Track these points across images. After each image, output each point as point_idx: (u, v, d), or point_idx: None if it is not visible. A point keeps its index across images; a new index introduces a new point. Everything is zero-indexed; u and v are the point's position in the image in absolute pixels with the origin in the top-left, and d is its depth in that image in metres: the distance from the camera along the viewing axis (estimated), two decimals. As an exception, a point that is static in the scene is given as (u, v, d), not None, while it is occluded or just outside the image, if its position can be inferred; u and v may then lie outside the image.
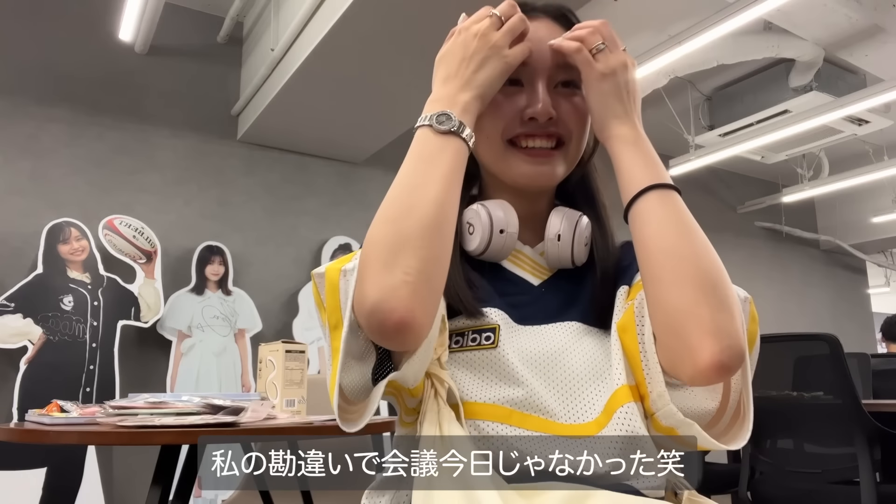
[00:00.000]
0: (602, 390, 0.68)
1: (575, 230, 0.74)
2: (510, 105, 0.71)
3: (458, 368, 0.68)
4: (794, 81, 4.55)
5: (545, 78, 0.71)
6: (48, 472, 2.98)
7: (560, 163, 0.73)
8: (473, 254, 0.73)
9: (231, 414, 1.26)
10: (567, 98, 0.73)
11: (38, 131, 3.41)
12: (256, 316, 3.72)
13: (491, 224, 0.71)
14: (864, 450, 1.92)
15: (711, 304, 0.60)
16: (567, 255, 0.74)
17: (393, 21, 2.74)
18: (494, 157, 0.74)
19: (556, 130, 0.72)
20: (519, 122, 0.71)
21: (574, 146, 0.74)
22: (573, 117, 0.72)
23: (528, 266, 0.76)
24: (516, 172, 0.72)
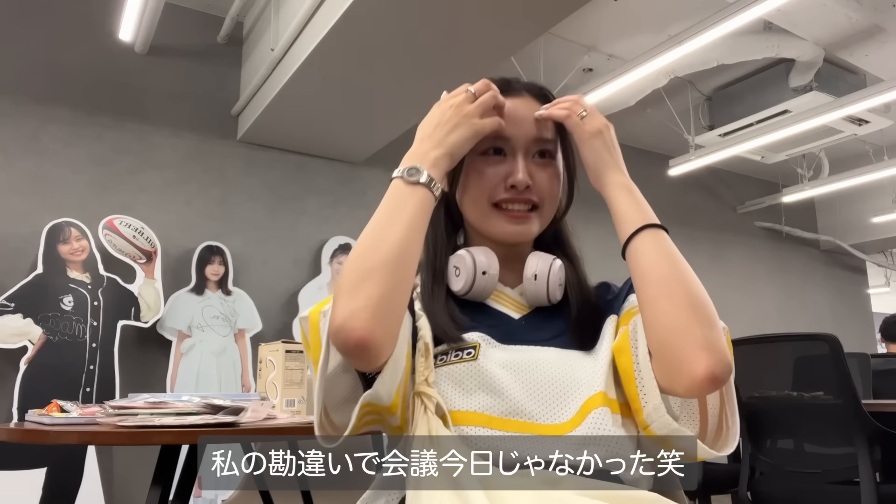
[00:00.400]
0: (578, 395, 0.74)
1: (550, 270, 0.84)
2: (494, 173, 0.83)
3: (443, 381, 0.75)
4: (794, 81, 4.55)
5: (524, 150, 0.83)
6: (48, 472, 2.98)
7: (535, 222, 0.85)
8: (459, 293, 0.83)
9: (231, 414, 1.26)
10: (542, 167, 0.84)
11: (38, 131, 3.41)
12: (256, 316, 3.72)
13: (474, 267, 0.82)
14: (864, 450, 1.92)
15: (702, 323, 0.70)
16: (543, 292, 0.83)
17: (393, 21, 2.74)
18: (479, 217, 0.85)
19: (531, 197, 0.83)
20: (502, 189, 0.82)
21: (547, 208, 0.85)
22: (547, 184, 0.84)
23: (509, 303, 0.86)
24: (498, 231, 0.84)
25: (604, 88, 3.96)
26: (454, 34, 2.82)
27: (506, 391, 0.73)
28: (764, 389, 2.32)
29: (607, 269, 0.96)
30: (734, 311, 6.18)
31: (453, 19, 2.72)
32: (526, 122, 0.83)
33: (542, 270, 0.83)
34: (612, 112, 4.55)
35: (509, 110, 0.83)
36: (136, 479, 3.21)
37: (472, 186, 0.84)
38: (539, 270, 0.83)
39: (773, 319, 6.42)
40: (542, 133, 0.84)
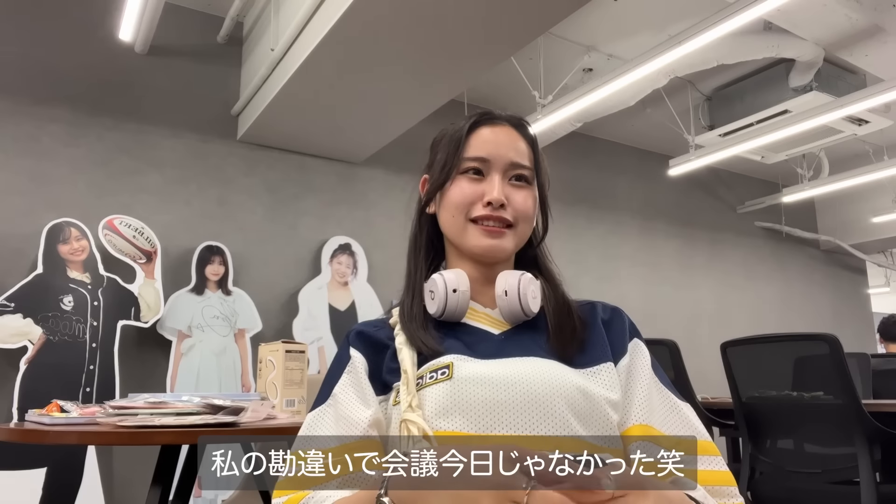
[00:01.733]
0: (565, 408, 0.75)
1: (519, 283, 0.86)
2: (473, 191, 0.87)
3: (424, 404, 0.76)
4: (794, 81, 4.55)
5: (501, 172, 0.88)
6: (48, 472, 2.98)
7: (510, 239, 0.88)
8: (436, 315, 0.86)
9: (231, 414, 1.26)
10: (518, 189, 0.89)
11: (38, 131, 3.41)
12: (256, 316, 3.72)
13: (445, 287, 0.85)
14: (864, 450, 1.92)
15: None
16: (517, 306, 0.85)
17: (393, 21, 2.74)
18: (457, 231, 0.89)
19: (505, 216, 0.87)
20: (479, 206, 0.87)
21: (522, 227, 0.89)
22: (521, 204, 0.88)
23: (487, 321, 0.88)
24: (473, 244, 0.87)
25: (604, 88, 3.96)
26: (454, 34, 2.82)
27: (482, 407, 0.74)
28: (764, 389, 2.32)
29: (607, 269, 0.96)
30: (734, 311, 6.18)
31: (453, 19, 2.72)
32: (504, 147, 0.89)
33: (512, 285, 0.86)
34: (611, 112, 4.56)
35: (490, 135, 0.89)
36: (136, 479, 3.21)
37: (451, 202, 0.88)
38: (508, 286, 0.86)
39: (773, 319, 6.42)
40: (520, 159, 0.89)
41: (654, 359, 0.86)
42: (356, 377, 0.82)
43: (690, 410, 0.82)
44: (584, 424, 0.75)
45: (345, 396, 0.80)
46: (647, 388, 0.81)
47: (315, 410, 0.81)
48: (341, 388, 0.81)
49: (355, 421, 0.76)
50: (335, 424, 0.78)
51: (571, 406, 0.75)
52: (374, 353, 0.85)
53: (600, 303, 0.92)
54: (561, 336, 0.83)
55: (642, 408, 0.79)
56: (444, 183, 0.89)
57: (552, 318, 0.86)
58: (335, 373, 0.84)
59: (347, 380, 0.82)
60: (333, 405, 0.80)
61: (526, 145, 0.91)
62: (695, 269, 6.06)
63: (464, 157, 0.88)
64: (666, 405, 0.81)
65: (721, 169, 6.48)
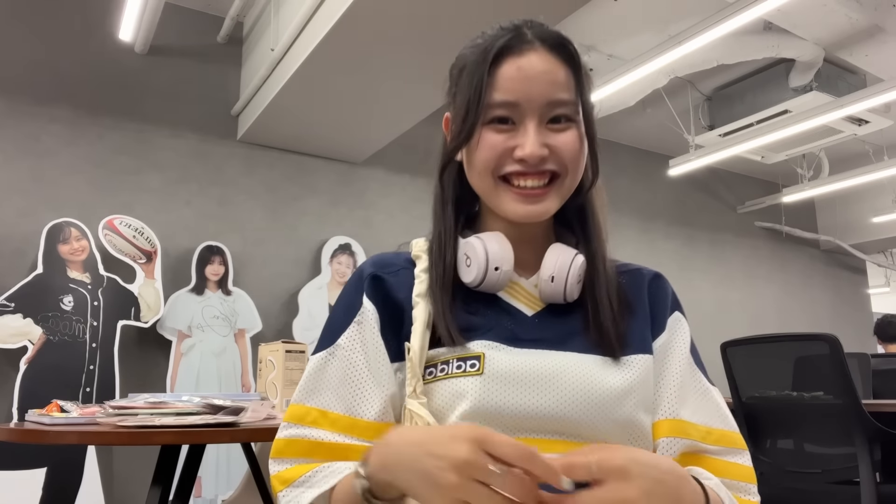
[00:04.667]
0: (605, 407, 0.69)
1: (569, 270, 0.74)
2: (501, 144, 0.72)
3: (441, 395, 0.69)
4: (794, 81, 4.55)
5: (536, 117, 0.71)
6: (48, 472, 2.98)
7: (553, 198, 0.74)
8: (470, 285, 0.75)
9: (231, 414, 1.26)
10: (560, 133, 0.72)
11: (38, 131, 3.41)
12: (256, 316, 3.72)
13: (487, 261, 0.73)
14: (864, 450, 1.92)
15: None
16: (560, 293, 0.75)
17: (393, 21, 2.74)
18: (486, 192, 0.75)
19: (548, 168, 0.72)
20: (510, 161, 0.72)
21: (569, 180, 0.74)
22: (566, 153, 0.72)
23: (523, 297, 0.77)
24: (507, 210, 0.74)
25: (604, 88, 3.96)
26: (454, 34, 2.82)
27: (513, 414, 0.67)
28: (764, 389, 2.32)
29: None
30: (734, 311, 6.18)
31: (453, 19, 2.72)
32: (537, 83, 0.70)
33: (561, 270, 0.74)
34: (612, 112, 4.55)
35: (518, 71, 0.71)
36: (136, 479, 3.22)
37: (478, 159, 0.73)
38: (557, 271, 0.74)
39: (773, 319, 6.42)
40: (559, 94, 0.71)
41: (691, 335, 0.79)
42: (366, 333, 0.73)
43: (719, 396, 0.77)
44: (617, 432, 0.69)
45: (351, 356, 0.73)
46: (682, 373, 0.74)
47: (319, 356, 0.74)
48: (348, 340, 0.73)
49: (361, 407, 0.71)
50: (340, 387, 0.72)
51: (606, 415, 0.68)
52: (392, 309, 0.74)
53: (645, 270, 0.81)
54: (600, 326, 0.73)
55: (674, 397, 0.73)
56: (468, 138, 0.73)
57: (595, 305, 0.74)
58: (342, 317, 0.75)
59: (356, 333, 0.73)
60: (338, 357, 0.73)
61: (566, 71, 0.72)
62: (694, 270, 6.06)
63: (487, 104, 0.71)
64: (698, 391, 0.75)
65: (721, 169, 6.48)
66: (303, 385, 0.75)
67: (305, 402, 0.73)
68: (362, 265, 0.79)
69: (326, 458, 0.69)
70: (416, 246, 0.81)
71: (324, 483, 0.67)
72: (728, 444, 0.73)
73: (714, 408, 0.75)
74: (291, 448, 0.71)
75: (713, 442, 0.72)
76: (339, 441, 0.70)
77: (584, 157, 0.75)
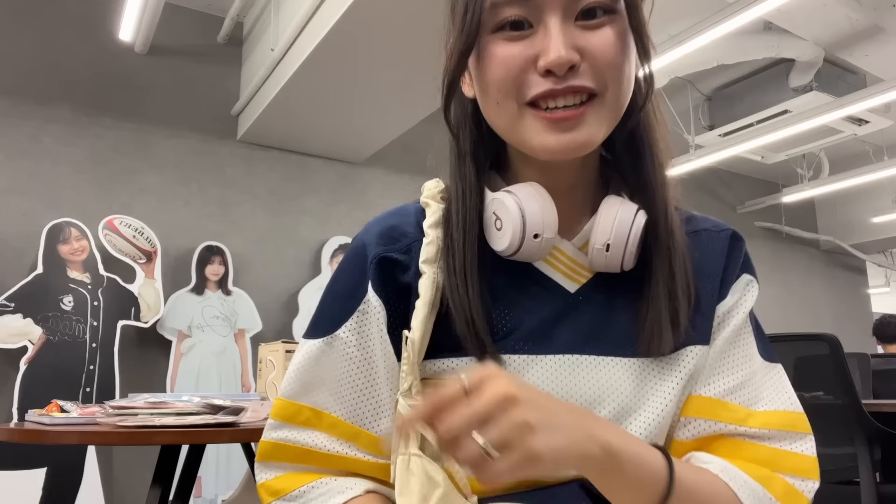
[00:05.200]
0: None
1: (629, 235, 0.57)
2: (518, 57, 0.54)
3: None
4: (794, 81, 4.55)
5: (560, 11, 0.53)
6: (48, 472, 2.98)
7: (595, 121, 0.55)
8: (501, 254, 0.59)
9: (231, 414, 1.26)
10: (593, 31, 0.54)
11: (38, 131, 3.41)
12: (256, 316, 3.72)
13: (524, 225, 0.56)
14: (864, 450, 1.92)
15: None
16: (616, 265, 0.59)
17: (393, 21, 2.74)
18: (509, 127, 0.57)
19: (581, 83, 0.54)
20: (533, 78, 0.54)
21: (612, 95, 0.55)
22: (607, 56, 0.54)
23: (564, 267, 0.61)
24: (537, 144, 0.56)
25: (604, 88, 3.95)
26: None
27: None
28: (764, 389, 2.32)
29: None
30: (734, 311, 6.17)
31: (453, 19, 2.72)
32: None
33: (620, 234, 0.57)
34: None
35: None
36: (136, 479, 3.21)
37: (491, 83, 0.56)
38: (615, 236, 0.57)
39: (773, 319, 6.42)
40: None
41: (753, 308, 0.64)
42: (371, 328, 0.60)
43: (779, 373, 0.62)
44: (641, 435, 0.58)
45: (353, 352, 0.60)
46: (728, 339, 0.60)
47: (314, 344, 0.61)
48: (350, 333, 0.60)
49: (366, 417, 0.60)
50: (340, 387, 0.60)
51: (639, 428, 0.58)
52: (404, 300, 0.60)
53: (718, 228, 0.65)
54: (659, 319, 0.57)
55: (711, 370, 0.59)
56: (467, 52, 0.56)
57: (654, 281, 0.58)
58: (342, 302, 0.61)
59: (359, 326, 0.60)
60: (337, 351, 0.60)
61: None
62: (695, 269, 6.05)
63: (493, 3, 0.54)
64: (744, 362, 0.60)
65: (721, 169, 6.48)
66: (294, 376, 0.61)
67: (298, 398, 0.61)
68: (364, 237, 0.63)
69: (322, 466, 0.60)
70: (427, 189, 0.66)
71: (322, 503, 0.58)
72: (780, 427, 0.57)
73: (766, 384, 0.60)
74: (280, 453, 0.61)
75: (758, 425, 0.57)
76: (338, 452, 0.60)
77: (630, 62, 0.56)
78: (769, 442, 0.57)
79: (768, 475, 0.55)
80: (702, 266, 0.61)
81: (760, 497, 0.54)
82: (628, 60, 0.56)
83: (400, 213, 0.65)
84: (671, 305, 0.57)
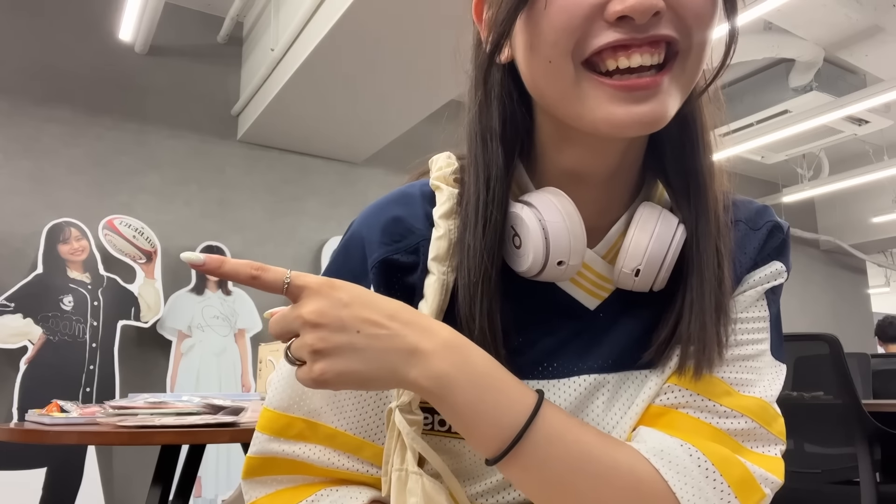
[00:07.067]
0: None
1: (665, 259, 0.49)
2: (583, 2, 0.42)
3: (454, 455, 0.53)
4: (794, 81, 4.55)
5: None
6: (48, 472, 2.98)
7: (676, 89, 0.45)
8: (523, 275, 0.51)
9: (231, 414, 1.26)
10: None
11: (38, 131, 3.41)
12: (256, 316, 3.72)
13: (546, 252, 0.48)
14: (864, 450, 1.92)
15: None
16: (645, 288, 0.51)
17: (393, 21, 2.74)
18: (559, 94, 0.46)
19: (665, 33, 0.43)
20: (600, 27, 0.43)
21: (696, 56, 0.45)
22: (693, 6, 0.43)
23: (588, 283, 0.54)
24: (600, 118, 0.44)
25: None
26: (455, 34, 2.82)
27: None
28: (764, 389, 2.32)
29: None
30: (734, 311, 6.17)
31: (454, 19, 2.72)
32: None
33: (653, 261, 0.49)
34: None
35: None
36: (136, 479, 3.21)
37: (546, 35, 0.44)
38: (648, 261, 0.49)
39: (773, 319, 6.42)
40: None
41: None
42: None
43: (774, 369, 0.54)
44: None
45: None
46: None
47: None
48: None
49: (374, 430, 0.54)
50: (339, 398, 0.53)
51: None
52: (404, 300, 0.49)
53: (757, 224, 0.57)
54: (689, 336, 0.50)
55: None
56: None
57: (688, 295, 0.50)
58: None
59: None
60: None
61: None
62: (695, 269, 6.05)
63: None
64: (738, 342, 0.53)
65: (721, 169, 6.48)
66: (283, 384, 0.54)
67: (287, 409, 0.53)
68: (363, 230, 0.55)
69: (321, 477, 0.53)
70: (436, 165, 0.56)
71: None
72: (756, 417, 0.50)
73: (764, 376, 0.52)
74: (270, 466, 0.53)
75: (733, 406, 0.50)
76: (339, 466, 0.53)
77: (715, 18, 0.45)
78: (739, 424, 0.50)
79: (727, 457, 0.48)
80: (735, 261, 0.53)
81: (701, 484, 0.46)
82: (715, 13, 0.45)
83: (404, 199, 0.55)
84: (696, 323, 0.49)
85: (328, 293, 0.44)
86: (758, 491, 0.48)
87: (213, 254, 0.44)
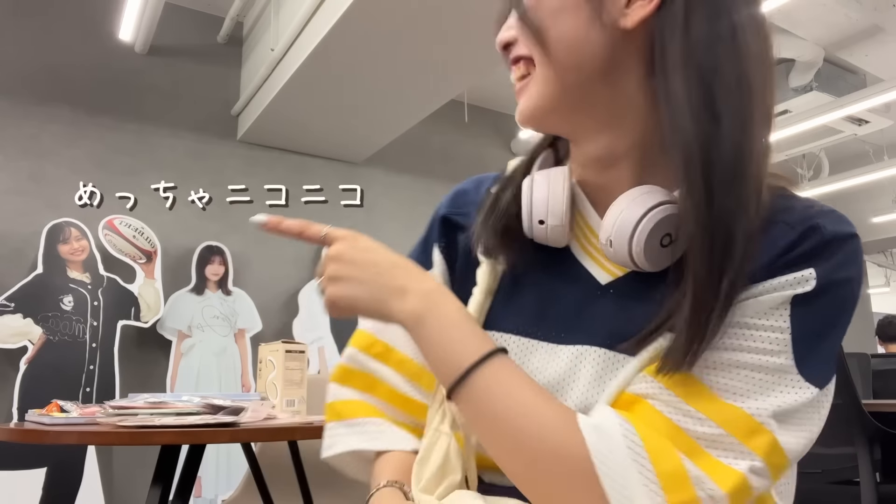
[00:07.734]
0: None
1: (634, 232, 0.50)
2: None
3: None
4: (794, 81, 4.55)
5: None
6: (48, 472, 2.98)
7: (534, 93, 0.55)
8: (533, 238, 0.59)
9: (231, 414, 1.26)
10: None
11: (38, 131, 3.41)
12: (256, 316, 3.72)
13: (529, 210, 0.57)
14: (864, 450, 1.92)
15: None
16: (626, 262, 0.52)
17: (392, 21, 2.74)
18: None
19: (518, 54, 0.57)
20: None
21: (543, 65, 0.54)
22: (532, 29, 0.54)
23: (604, 258, 0.57)
24: None
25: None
26: (454, 34, 2.82)
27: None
28: (764, 389, 2.32)
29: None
30: (734, 311, 6.17)
31: (453, 19, 2.72)
32: None
33: (622, 230, 0.51)
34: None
35: None
36: (136, 479, 3.21)
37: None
38: (617, 232, 0.51)
39: (773, 319, 6.41)
40: None
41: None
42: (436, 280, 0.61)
43: (791, 389, 0.48)
44: None
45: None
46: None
47: None
48: None
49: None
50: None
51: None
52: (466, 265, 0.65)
53: (795, 221, 0.50)
54: (695, 315, 0.47)
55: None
56: None
57: (692, 280, 0.48)
58: (419, 248, 0.69)
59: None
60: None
61: None
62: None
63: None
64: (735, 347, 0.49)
65: (721, 169, 6.48)
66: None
67: (375, 332, 0.67)
68: (442, 198, 0.70)
69: (386, 401, 0.65)
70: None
71: (371, 441, 0.63)
72: (729, 428, 0.46)
73: (777, 390, 0.48)
74: (351, 378, 0.67)
75: (701, 409, 0.47)
76: (400, 389, 0.65)
77: (565, 13, 0.53)
78: (702, 427, 0.47)
79: (665, 449, 0.46)
80: (752, 270, 0.48)
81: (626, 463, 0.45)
82: (559, 18, 0.53)
83: (478, 180, 0.69)
84: (682, 319, 0.48)
85: (350, 241, 0.58)
86: (688, 490, 0.45)
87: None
